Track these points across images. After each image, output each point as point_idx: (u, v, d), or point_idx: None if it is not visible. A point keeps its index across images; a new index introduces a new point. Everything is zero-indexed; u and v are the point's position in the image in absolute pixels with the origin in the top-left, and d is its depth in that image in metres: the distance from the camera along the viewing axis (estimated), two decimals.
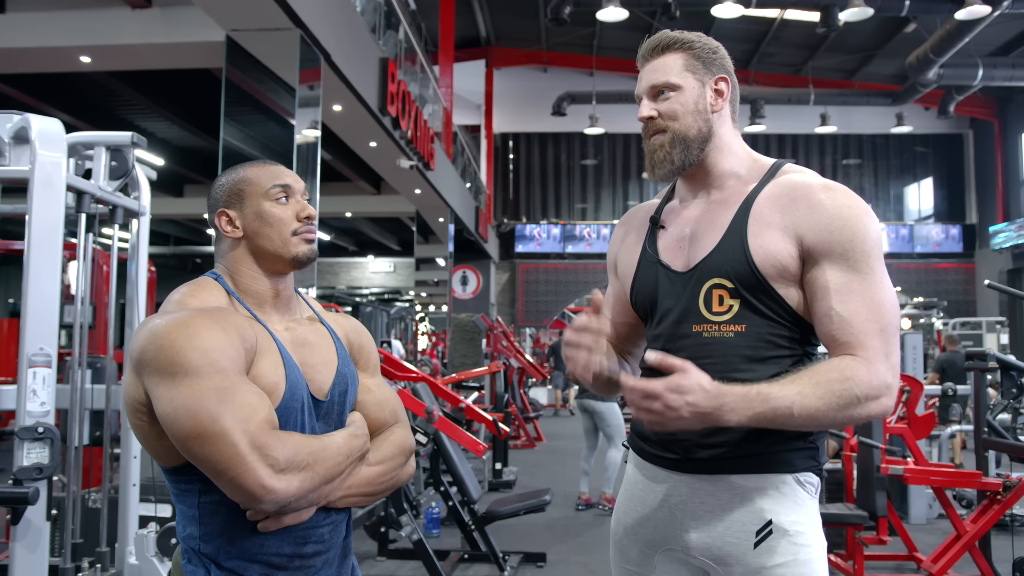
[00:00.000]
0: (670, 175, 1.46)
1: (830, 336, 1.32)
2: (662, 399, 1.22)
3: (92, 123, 11.87)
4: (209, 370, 1.17)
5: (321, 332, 1.41)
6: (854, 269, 1.31)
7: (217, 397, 1.15)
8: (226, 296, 1.33)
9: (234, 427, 1.14)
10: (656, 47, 1.46)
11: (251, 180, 1.37)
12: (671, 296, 1.44)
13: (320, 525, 1.31)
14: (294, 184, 1.38)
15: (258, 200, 1.36)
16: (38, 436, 2.18)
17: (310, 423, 1.30)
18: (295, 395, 1.28)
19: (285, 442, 1.18)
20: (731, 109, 1.47)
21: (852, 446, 4.31)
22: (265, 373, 1.25)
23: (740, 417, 1.24)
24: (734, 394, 1.24)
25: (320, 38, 6.20)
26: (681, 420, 1.23)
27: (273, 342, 1.30)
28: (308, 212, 1.37)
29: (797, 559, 1.33)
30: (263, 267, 1.36)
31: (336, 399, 1.36)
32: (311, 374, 1.33)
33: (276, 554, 1.27)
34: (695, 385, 1.22)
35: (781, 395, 1.24)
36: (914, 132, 19.92)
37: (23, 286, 2.24)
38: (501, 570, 4.26)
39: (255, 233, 1.35)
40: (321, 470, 1.22)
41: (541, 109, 19.48)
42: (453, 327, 12.75)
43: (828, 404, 1.25)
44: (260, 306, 1.35)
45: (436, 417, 4.13)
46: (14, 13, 7.13)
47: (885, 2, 12.39)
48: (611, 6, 11.60)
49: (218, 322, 1.22)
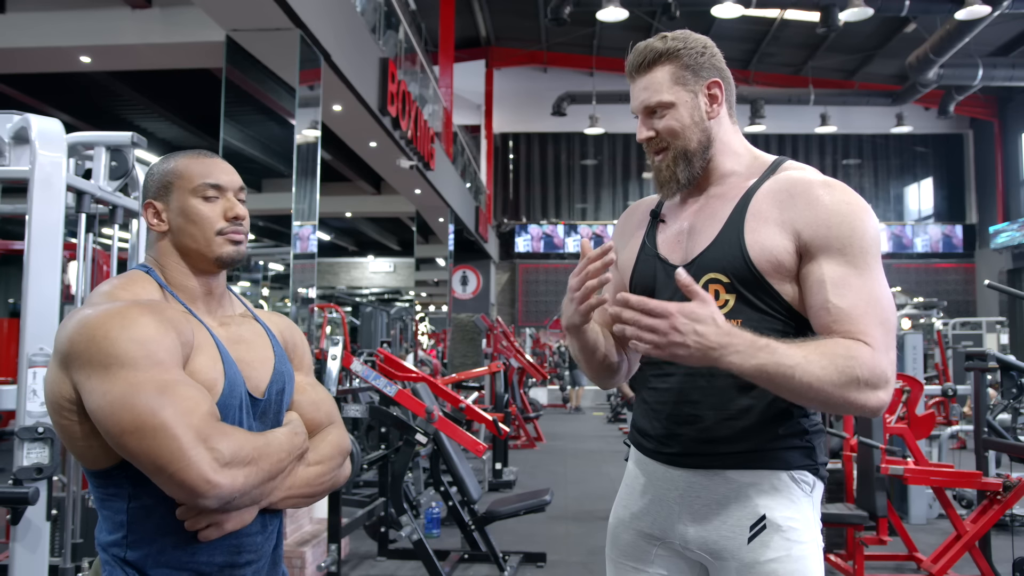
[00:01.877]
0: (678, 191, 1.47)
1: (827, 328, 1.31)
2: (671, 320, 1.19)
3: (92, 123, 11.87)
4: (146, 362, 1.12)
5: (256, 330, 1.37)
6: (852, 264, 1.31)
7: (156, 389, 1.10)
8: (159, 289, 1.28)
9: (176, 420, 1.09)
10: (643, 63, 1.44)
11: (180, 173, 1.31)
12: (668, 290, 1.44)
13: (254, 533, 1.27)
14: (227, 182, 1.31)
15: (185, 195, 1.29)
16: (38, 436, 2.18)
17: (247, 422, 1.26)
18: (233, 392, 1.23)
19: (230, 436, 1.13)
20: (728, 108, 1.47)
21: (852, 446, 4.31)
22: (203, 369, 1.20)
23: (742, 362, 1.21)
24: (744, 338, 1.22)
25: (320, 38, 6.20)
26: (683, 349, 1.20)
27: (210, 337, 1.25)
28: (236, 212, 1.31)
29: (790, 555, 1.33)
30: (189, 264, 1.31)
31: (273, 398, 1.32)
32: (248, 372, 1.28)
33: (208, 563, 1.21)
34: (709, 316, 1.20)
35: (788, 353, 1.23)
36: (914, 132, 19.94)
37: (23, 286, 2.24)
38: (501, 570, 4.25)
39: (179, 229, 1.30)
40: (265, 466, 1.17)
41: (541, 109, 19.50)
42: (453, 327, 12.75)
43: (829, 376, 1.22)
44: (192, 301, 1.30)
45: (436, 417, 4.13)
46: (14, 13, 7.13)
47: (885, 2, 12.40)
48: (611, 6, 11.61)
49: (154, 314, 1.18)
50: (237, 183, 1.33)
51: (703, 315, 1.20)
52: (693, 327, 1.19)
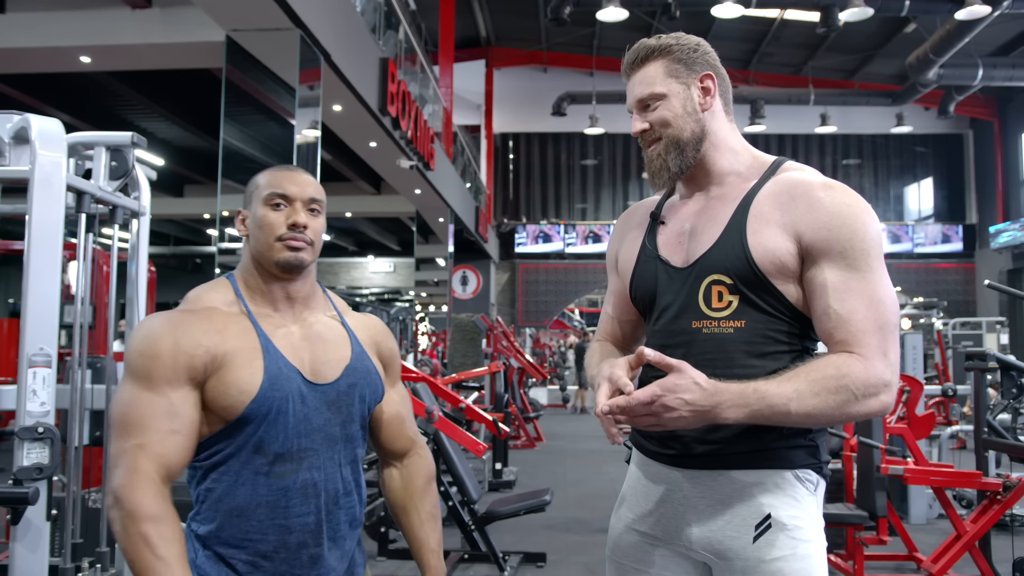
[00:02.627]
0: (669, 182, 1.47)
1: (827, 334, 1.33)
2: (660, 400, 1.23)
3: (92, 123, 11.87)
4: (143, 375, 1.29)
5: (339, 331, 1.46)
6: (853, 267, 1.32)
7: (136, 413, 1.27)
8: (232, 295, 1.40)
9: (129, 454, 1.26)
10: (636, 59, 1.48)
11: (259, 184, 1.42)
12: (670, 291, 1.44)
13: (306, 514, 1.35)
14: (295, 192, 1.40)
15: (259, 204, 1.40)
16: (38, 436, 2.18)
17: (303, 411, 1.34)
18: (275, 386, 1.32)
19: (144, 497, 1.23)
20: (723, 104, 1.48)
21: (852, 446, 4.31)
22: (234, 372, 1.31)
23: (738, 414, 1.26)
24: (731, 391, 1.25)
25: (320, 38, 6.20)
26: (681, 419, 1.25)
27: (256, 339, 1.34)
28: (295, 219, 1.38)
29: (796, 553, 1.34)
30: (262, 270, 1.41)
31: (343, 389, 1.40)
32: (317, 366, 1.38)
33: (262, 540, 1.32)
34: (690, 384, 1.24)
35: (777, 392, 1.25)
36: (914, 132, 19.93)
37: (23, 286, 2.24)
38: (501, 570, 4.26)
39: (252, 236, 1.41)
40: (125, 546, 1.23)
41: (541, 109, 19.49)
42: (453, 327, 12.75)
43: (825, 402, 1.25)
44: (273, 304, 1.40)
45: (436, 417, 4.13)
46: (14, 13, 7.12)
47: (885, 2, 12.39)
48: (611, 6, 11.60)
49: (176, 328, 1.31)
50: (307, 195, 1.41)
51: (684, 385, 1.24)
52: (681, 399, 1.24)
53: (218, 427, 1.31)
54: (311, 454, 1.35)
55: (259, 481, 1.31)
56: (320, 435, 1.36)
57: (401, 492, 1.56)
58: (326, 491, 1.36)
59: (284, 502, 1.32)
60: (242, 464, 1.31)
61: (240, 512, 1.30)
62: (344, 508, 1.40)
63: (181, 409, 1.28)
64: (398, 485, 1.57)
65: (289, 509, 1.32)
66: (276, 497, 1.32)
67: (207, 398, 1.30)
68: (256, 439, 1.31)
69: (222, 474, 1.31)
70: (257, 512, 1.31)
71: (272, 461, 1.32)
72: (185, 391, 1.29)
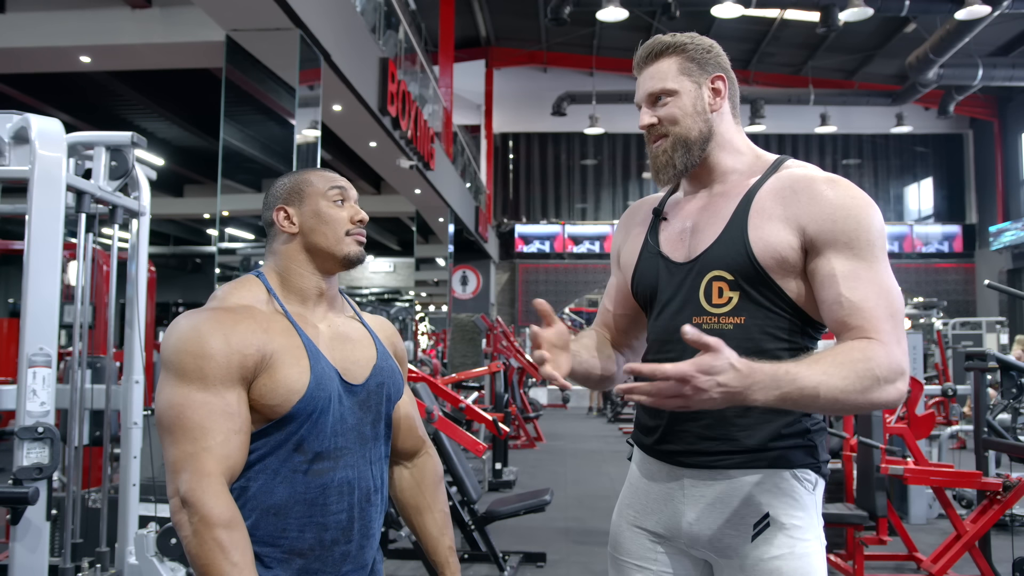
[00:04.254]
0: (674, 179, 1.48)
1: (840, 322, 1.31)
2: (693, 381, 1.14)
3: (92, 123, 11.86)
4: (195, 375, 1.27)
5: (361, 331, 1.49)
6: (860, 257, 1.32)
7: (192, 413, 1.26)
8: (265, 293, 1.40)
9: (185, 450, 1.26)
10: (650, 54, 1.47)
11: (311, 182, 1.46)
12: (671, 287, 1.45)
13: (340, 512, 1.37)
14: (349, 190, 1.48)
15: (317, 199, 1.43)
16: (38, 436, 2.18)
17: (340, 410, 1.37)
18: (320, 386, 1.34)
19: (211, 496, 1.23)
20: (731, 106, 1.49)
21: (852, 446, 4.31)
22: (282, 370, 1.32)
23: (767, 396, 1.19)
24: (764, 373, 1.19)
25: (320, 38, 6.20)
26: (710, 401, 1.17)
27: (298, 339, 1.36)
28: (361, 216, 1.46)
29: (794, 552, 1.34)
30: (315, 264, 1.43)
31: (373, 388, 1.43)
32: (348, 366, 1.41)
33: (298, 537, 1.33)
34: (726, 365, 1.15)
35: (808, 375, 1.21)
36: (914, 132, 19.92)
37: (23, 286, 2.24)
38: (501, 570, 4.25)
39: (311, 230, 1.42)
40: (195, 551, 1.23)
41: (541, 109, 19.47)
42: (453, 327, 12.75)
43: (851, 385, 1.22)
44: (304, 302, 1.42)
45: (436, 417, 4.13)
46: (14, 13, 7.12)
47: (885, 2, 12.39)
48: (611, 6, 11.60)
49: (223, 327, 1.30)
50: (355, 194, 1.50)
51: (720, 366, 1.15)
52: (714, 380, 1.15)
53: (260, 425, 1.32)
54: (346, 452, 1.37)
55: (297, 479, 1.33)
56: (353, 434, 1.39)
57: (413, 491, 1.58)
58: (359, 489, 1.39)
59: (322, 500, 1.34)
60: (280, 462, 1.32)
61: (278, 510, 1.31)
62: (375, 505, 1.42)
63: (237, 409, 1.28)
64: (409, 485, 1.58)
65: (327, 507, 1.34)
66: (315, 495, 1.33)
67: (252, 396, 1.31)
68: (298, 437, 1.32)
69: (258, 472, 1.32)
70: (295, 509, 1.32)
71: (311, 459, 1.33)
72: (238, 390, 1.29)
